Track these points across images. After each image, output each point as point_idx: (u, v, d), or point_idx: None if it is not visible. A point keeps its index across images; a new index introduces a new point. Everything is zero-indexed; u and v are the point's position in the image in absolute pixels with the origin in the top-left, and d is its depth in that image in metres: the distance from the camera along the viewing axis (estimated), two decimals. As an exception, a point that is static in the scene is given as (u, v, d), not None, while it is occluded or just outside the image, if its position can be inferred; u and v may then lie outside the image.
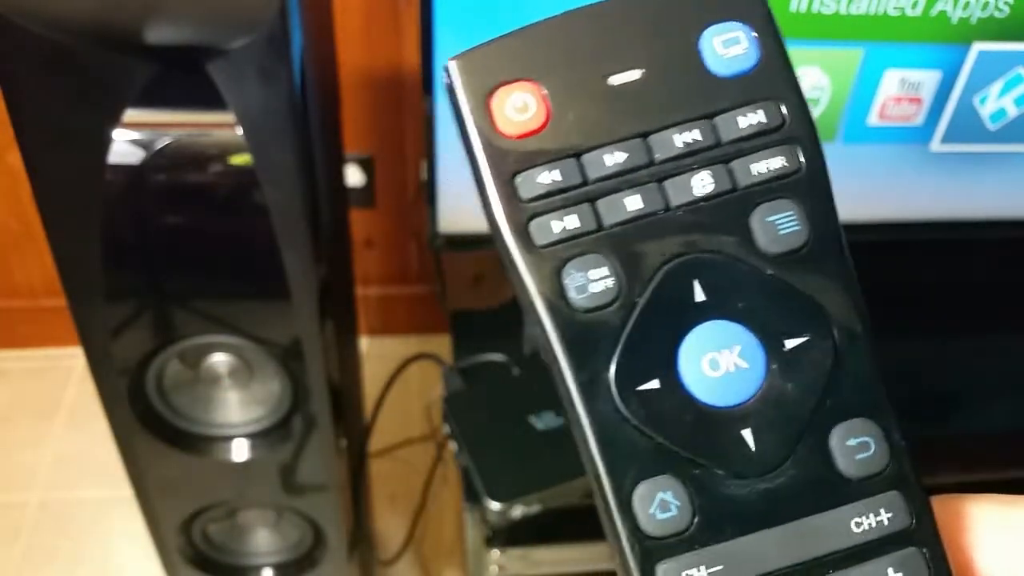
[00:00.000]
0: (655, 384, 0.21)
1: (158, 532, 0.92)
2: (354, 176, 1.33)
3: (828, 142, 0.84)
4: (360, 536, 1.08)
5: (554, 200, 0.21)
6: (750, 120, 0.21)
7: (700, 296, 0.21)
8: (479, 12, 0.74)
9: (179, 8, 0.58)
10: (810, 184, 0.21)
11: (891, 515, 0.21)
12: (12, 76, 0.60)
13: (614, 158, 0.21)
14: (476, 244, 0.90)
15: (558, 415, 0.91)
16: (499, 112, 0.21)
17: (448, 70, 0.21)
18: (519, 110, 0.21)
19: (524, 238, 0.21)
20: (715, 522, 0.21)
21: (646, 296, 0.21)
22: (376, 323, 1.53)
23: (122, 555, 1.29)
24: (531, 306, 0.21)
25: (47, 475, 1.39)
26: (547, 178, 0.21)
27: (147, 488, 0.86)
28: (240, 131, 0.63)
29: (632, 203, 0.21)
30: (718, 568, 0.20)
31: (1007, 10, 0.77)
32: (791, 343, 0.21)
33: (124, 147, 0.63)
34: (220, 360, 0.79)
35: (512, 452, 0.91)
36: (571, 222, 0.21)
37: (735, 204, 0.21)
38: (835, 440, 0.21)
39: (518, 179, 0.21)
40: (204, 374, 0.79)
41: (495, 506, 0.87)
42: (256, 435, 0.83)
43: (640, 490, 0.21)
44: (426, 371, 1.30)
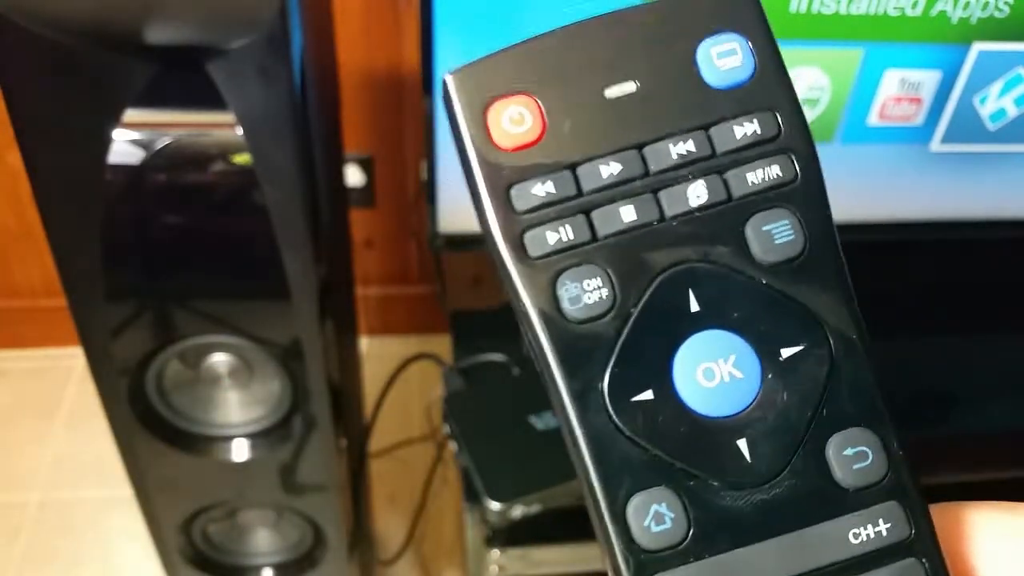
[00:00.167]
0: (649, 395, 0.21)
1: (158, 532, 0.92)
2: (354, 176, 1.33)
3: (828, 142, 0.84)
4: (360, 536, 1.08)
5: (549, 212, 0.21)
6: (745, 130, 0.21)
7: (695, 306, 0.21)
8: (479, 12, 0.74)
9: (179, 8, 0.58)
10: (805, 193, 0.21)
11: (890, 525, 0.21)
12: (12, 76, 0.60)
13: (609, 169, 0.21)
14: (476, 244, 0.89)
15: (558, 415, 0.91)
16: (495, 125, 0.21)
17: (445, 84, 0.21)
18: (515, 123, 0.21)
19: (519, 249, 0.21)
20: (710, 534, 0.20)
21: (640, 306, 0.21)
22: (376, 323, 1.53)
23: (122, 555, 1.29)
24: (525, 316, 0.21)
25: (47, 475, 1.39)
26: (542, 190, 0.21)
27: (147, 488, 0.86)
28: (240, 131, 0.63)
29: (627, 214, 0.21)
30: None
31: (1007, 10, 0.78)
32: (787, 352, 0.21)
33: (124, 147, 0.63)
34: (220, 360, 0.79)
35: (512, 452, 0.91)
36: (566, 233, 0.21)
37: (730, 214, 0.21)
38: (832, 450, 0.21)
39: (513, 191, 0.21)
40: (204, 374, 0.79)
41: (495, 506, 0.87)
42: (256, 435, 0.83)
43: (634, 502, 0.20)
44: (426, 371, 1.30)
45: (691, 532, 0.20)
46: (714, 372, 0.21)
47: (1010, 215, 0.96)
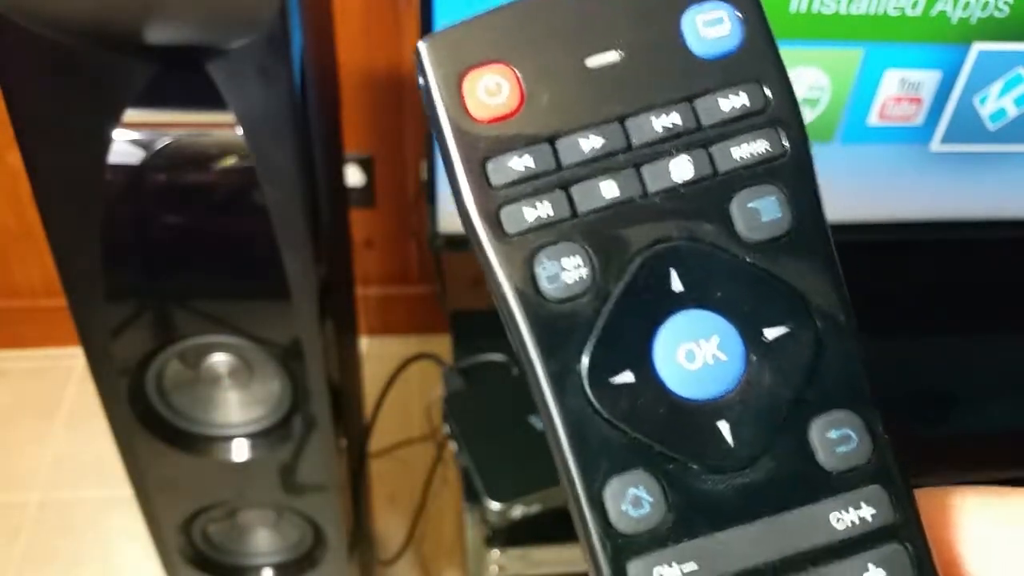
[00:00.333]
0: (629, 377, 0.20)
1: (158, 532, 0.92)
2: (354, 176, 1.33)
3: (828, 142, 0.84)
4: (360, 536, 1.08)
5: (526, 187, 0.20)
6: (732, 103, 0.20)
7: (677, 285, 0.20)
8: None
9: (179, 8, 0.58)
10: (794, 169, 0.21)
11: (873, 510, 0.20)
12: (12, 76, 0.60)
13: (590, 143, 0.20)
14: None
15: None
16: (471, 96, 0.20)
17: (418, 52, 0.21)
18: (491, 93, 0.20)
19: (495, 226, 0.20)
20: (689, 518, 0.20)
21: (621, 285, 0.20)
22: (376, 323, 1.53)
23: (122, 555, 1.29)
24: (502, 296, 0.20)
25: (47, 475, 1.39)
26: (519, 164, 0.20)
27: (147, 488, 0.86)
28: (240, 131, 0.63)
29: (608, 189, 0.20)
30: (691, 565, 0.20)
31: (1007, 10, 0.78)
32: (771, 333, 0.20)
33: (124, 147, 0.63)
34: (220, 360, 0.79)
35: (512, 452, 0.91)
36: (544, 209, 0.20)
37: (715, 190, 0.20)
38: (815, 432, 0.20)
39: (489, 165, 0.20)
40: (204, 374, 0.79)
41: (495, 506, 0.87)
42: (256, 435, 0.83)
43: (612, 486, 0.20)
44: (426, 371, 1.30)
45: (669, 516, 0.20)
46: (696, 354, 0.20)
47: (1010, 215, 0.96)
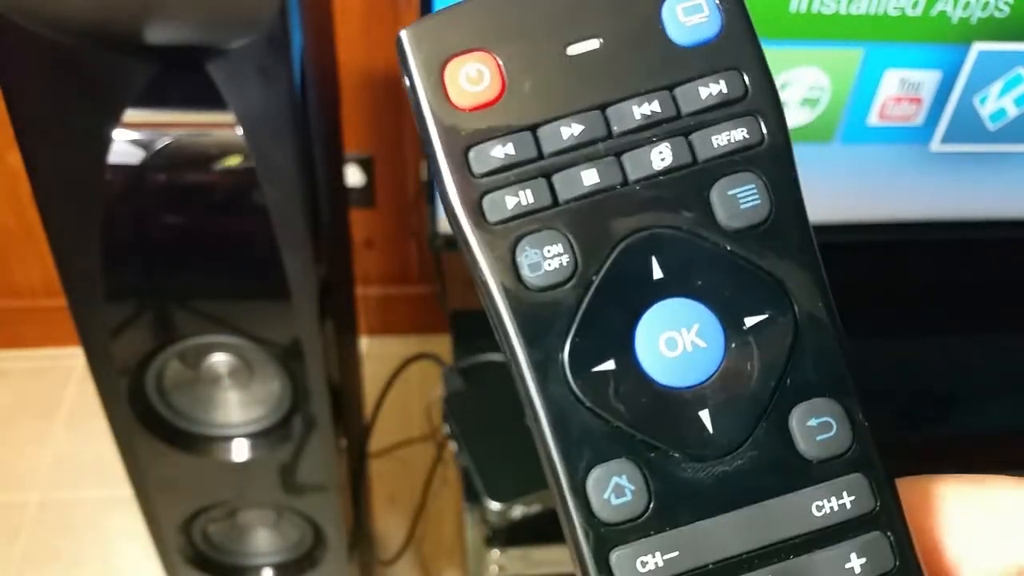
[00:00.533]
0: (611, 365, 0.20)
1: (158, 532, 0.92)
2: (354, 176, 1.33)
3: (828, 142, 0.84)
4: (360, 536, 1.08)
5: (508, 175, 0.20)
6: (711, 91, 0.20)
7: (658, 273, 0.20)
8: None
9: (179, 8, 0.58)
10: (772, 157, 0.21)
11: (854, 498, 0.20)
12: (12, 76, 0.60)
13: (571, 131, 0.20)
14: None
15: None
16: (452, 83, 0.20)
17: (400, 40, 0.21)
18: (473, 81, 0.20)
19: (477, 214, 0.20)
20: (671, 507, 0.20)
21: (602, 274, 0.20)
22: (376, 323, 1.53)
23: (122, 555, 1.29)
24: (484, 284, 0.20)
25: (47, 475, 1.39)
26: (501, 152, 0.20)
27: (147, 488, 0.86)
28: (240, 131, 0.63)
29: (589, 177, 0.20)
30: (674, 554, 0.20)
31: (1007, 10, 0.77)
32: (751, 321, 0.20)
33: (124, 147, 0.63)
34: (220, 360, 0.79)
35: (512, 452, 0.91)
36: (525, 198, 0.20)
37: (695, 178, 0.20)
38: (796, 420, 0.20)
39: (471, 153, 0.20)
40: (204, 374, 0.79)
41: (495, 506, 0.87)
42: (256, 435, 0.83)
43: (594, 475, 0.20)
44: (426, 371, 1.30)
45: (652, 505, 0.20)
46: (677, 341, 0.20)
47: (1010, 215, 0.96)
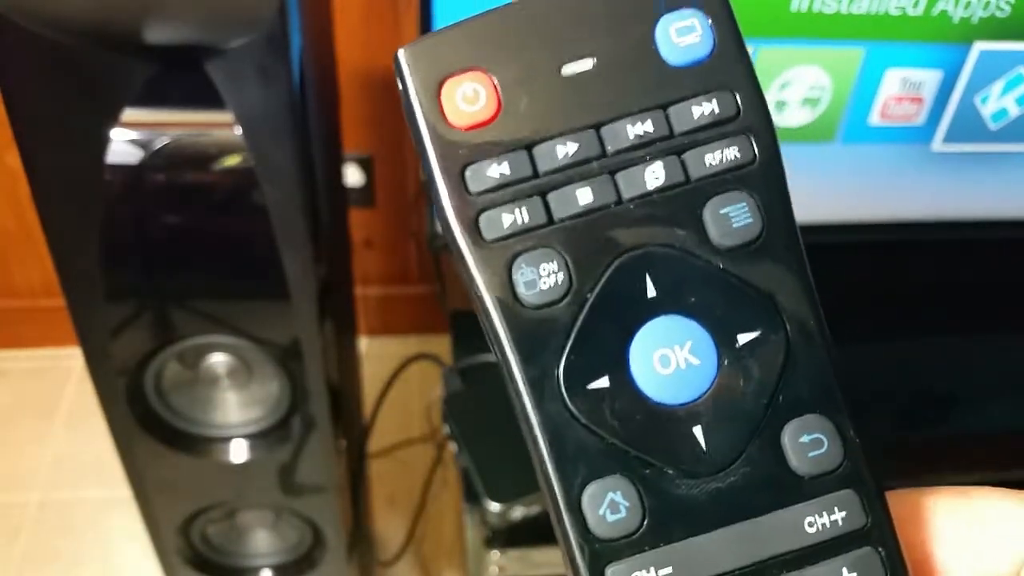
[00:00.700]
0: (605, 382, 0.20)
1: (157, 533, 0.91)
2: (354, 176, 1.33)
3: (829, 142, 0.84)
4: (359, 537, 1.07)
5: (504, 193, 0.20)
6: (704, 110, 0.21)
7: (652, 291, 0.21)
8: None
9: (178, 8, 0.58)
10: (763, 176, 0.21)
11: (845, 514, 0.20)
12: (12, 76, 0.60)
13: (566, 150, 0.21)
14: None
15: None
16: (449, 103, 0.21)
17: (398, 60, 0.21)
18: (469, 101, 0.21)
19: (473, 232, 0.20)
20: (665, 523, 0.20)
21: (596, 291, 0.20)
22: (376, 323, 1.53)
23: (122, 555, 1.29)
24: (480, 301, 0.21)
25: (47, 475, 1.39)
26: (497, 171, 0.20)
27: (146, 489, 0.86)
28: (239, 131, 0.63)
29: (583, 196, 0.20)
30: (667, 570, 0.20)
31: (1008, 10, 0.77)
32: (743, 338, 0.21)
33: (123, 147, 0.63)
34: (219, 360, 0.79)
35: (512, 452, 0.91)
36: (521, 216, 0.20)
37: (688, 196, 0.21)
38: (788, 437, 0.21)
39: (468, 172, 0.20)
40: (203, 374, 0.79)
41: (495, 507, 0.87)
42: (255, 436, 0.83)
43: (590, 491, 0.20)
44: (426, 371, 1.30)
45: (646, 521, 0.20)
46: (670, 359, 0.20)
47: (1011, 215, 0.95)
